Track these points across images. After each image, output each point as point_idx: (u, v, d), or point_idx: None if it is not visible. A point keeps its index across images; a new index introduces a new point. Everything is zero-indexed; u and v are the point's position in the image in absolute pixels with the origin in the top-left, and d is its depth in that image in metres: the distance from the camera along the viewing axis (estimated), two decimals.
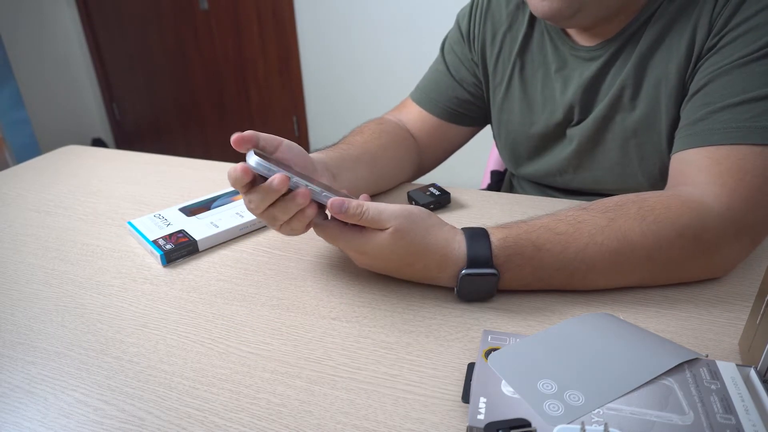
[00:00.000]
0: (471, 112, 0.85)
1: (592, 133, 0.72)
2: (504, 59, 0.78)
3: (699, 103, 0.59)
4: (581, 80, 0.70)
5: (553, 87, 0.74)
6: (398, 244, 0.51)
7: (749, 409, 0.37)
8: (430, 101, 0.84)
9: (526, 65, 0.77)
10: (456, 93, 0.83)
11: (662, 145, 0.67)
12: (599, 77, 0.70)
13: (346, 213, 0.49)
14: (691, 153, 0.58)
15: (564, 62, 0.73)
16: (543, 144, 0.79)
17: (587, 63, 0.70)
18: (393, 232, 0.50)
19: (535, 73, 0.76)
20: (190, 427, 0.41)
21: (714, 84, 0.58)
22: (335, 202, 0.49)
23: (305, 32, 2.54)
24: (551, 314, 0.52)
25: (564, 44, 0.72)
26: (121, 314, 0.54)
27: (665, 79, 0.64)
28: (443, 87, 0.84)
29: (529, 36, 0.76)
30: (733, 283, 0.55)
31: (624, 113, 0.68)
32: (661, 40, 0.64)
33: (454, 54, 0.84)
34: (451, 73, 0.84)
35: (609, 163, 0.73)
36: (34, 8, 2.82)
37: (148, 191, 0.83)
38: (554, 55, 0.73)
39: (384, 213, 0.50)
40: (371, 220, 0.50)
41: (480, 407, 0.38)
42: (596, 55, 0.69)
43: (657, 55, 0.65)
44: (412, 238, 0.51)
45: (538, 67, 0.75)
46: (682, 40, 0.62)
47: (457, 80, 0.83)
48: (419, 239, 0.51)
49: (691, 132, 0.59)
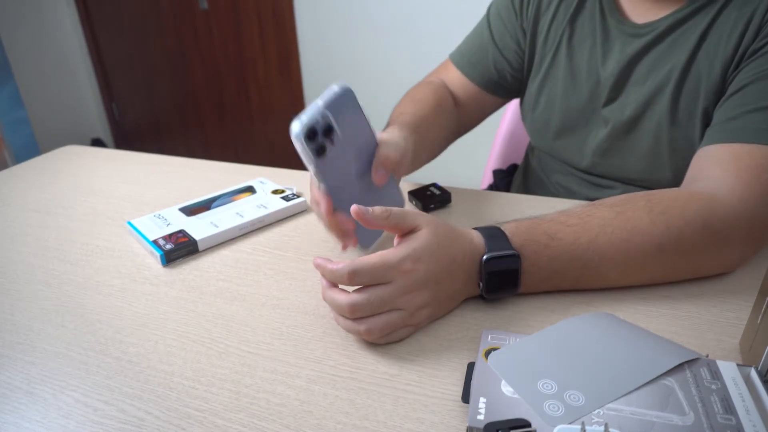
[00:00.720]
0: (507, 83, 0.85)
1: (630, 117, 0.70)
2: (556, 26, 0.78)
3: (735, 103, 0.59)
4: (621, 56, 0.70)
5: (597, 59, 0.73)
6: (438, 231, 0.49)
7: (750, 410, 0.37)
8: (470, 66, 0.85)
9: (575, 33, 0.76)
10: (496, 61, 0.84)
11: (694, 141, 0.66)
12: (639, 57, 0.69)
13: (372, 214, 0.47)
14: (715, 148, 0.58)
15: (607, 35, 0.72)
16: (578, 118, 0.77)
17: (630, 39, 0.69)
18: (428, 224, 0.49)
19: (583, 41, 0.75)
20: (190, 427, 0.41)
21: (753, 86, 0.58)
22: (356, 209, 0.47)
23: (305, 32, 2.54)
24: (551, 314, 0.52)
25: (612, 16, 0.71)
26: (121, 314, 0.54)
27: (708, 75, 0.63)
28: (484, 53, 0.84)
29: (582, 4, 0.75)
30: (733, 283, 0.55)
31: (665, 103, 0.67)
32: (712, 34, 0.63)
33: (500, 20, 0.84)
34: (494, 40, 0.84)
35: (639, 151, 0.72)
36: (33, 8, 2.82)
37: (148, 191, 0.83)
38: (601, 26, 0.73)
39: (407, 212, 0.49)
40: (399, 217, 0.48)
41: (480, 407, 0.38)
42: (641, 33, 0.68)
43: (704, 49, 0.64)
44: (444, 230, 0.49)
45: (587, 36, 0.75)
46: (732, 38, 0.61)
47: (499, 48, 0.83)
48: (449, 233, 0.50)
49: (721, 129, 0.59)
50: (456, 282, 0.50)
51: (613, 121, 0.72)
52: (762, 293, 0.43)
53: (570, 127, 0.79)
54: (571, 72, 0.77)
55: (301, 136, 0.50)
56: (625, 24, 0.70)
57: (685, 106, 0.66)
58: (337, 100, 0.52)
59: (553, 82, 0.79)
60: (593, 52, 0.74)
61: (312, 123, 0.50)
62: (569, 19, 0.76)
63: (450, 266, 0.49)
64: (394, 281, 0.46)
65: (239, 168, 0.90)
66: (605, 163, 0.76)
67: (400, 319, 0.47)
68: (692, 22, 0.64)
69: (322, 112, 0.51)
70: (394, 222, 0.48)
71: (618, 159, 0.74)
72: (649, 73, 0.68)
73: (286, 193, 0.76)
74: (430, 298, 0.48)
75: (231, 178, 0.86)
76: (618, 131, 0.72)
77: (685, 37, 0.65)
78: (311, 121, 0.50)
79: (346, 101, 0.53)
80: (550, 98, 0.80)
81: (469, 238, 0.51)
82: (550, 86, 0.80)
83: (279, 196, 0.75)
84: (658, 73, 0.67)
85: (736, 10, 0.61)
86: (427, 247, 0.48)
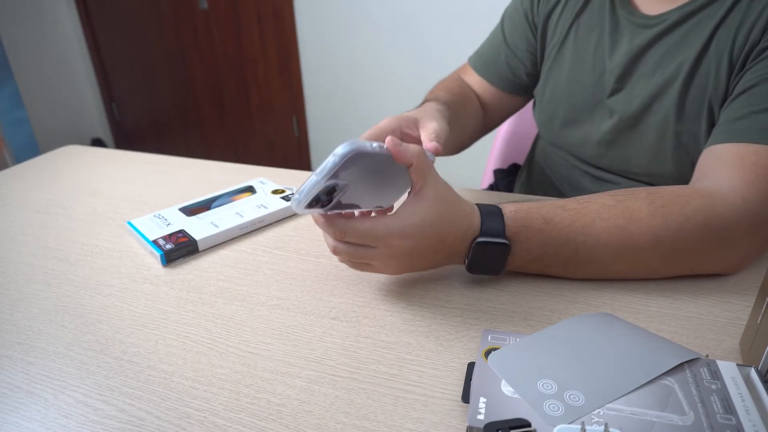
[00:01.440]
0: (524, 82, 0.87)
1: (636, 110, 0.70)
2: (565, 18, 0.79)
3: (742, 103, 0.59)
4: (630, 47, 0.70)
5: (604, 49, 0.74)
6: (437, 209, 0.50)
7: (750, 409, 0.37)
8: (486, 67, 0.87)
9: (582, 25, 0.77)
10: (509, 61, 0.86)
11: (700, 137, 0.66)
12: (647, 48, 0.69)
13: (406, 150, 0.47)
14: (721, 147, 0.58)
15: (617, 25, 0.72)
16: (583, 109, 0.78)
17: (639, 30, 0.69)
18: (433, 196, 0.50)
19: (590, 33, 0.76)
20: (190, 427, 0.41)
21: (761, 87, 0.58)
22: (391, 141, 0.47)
23: (305, 32, 2.54)
24: (551, 314, 0.52)
25: (623, 8, 0.72)
26: (121, 314, 0.54)
27: (716, 71, 0.63)
28: (497, 54, 0.87)
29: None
30: (733, 283, 0.55)
31: (673, 97, 0.67)
32: (721, 31, 0.63)
33: (512, 21, 0.86)
34: (506, 41, 0.86)
35: (644, 144, 0.72)
36: (34, 8, 2.82)
37: (148, 191, 0.83)
38: (611, 17, 0.73)
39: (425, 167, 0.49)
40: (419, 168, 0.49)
41: (480, 407, 0.38)
42: (651, 24, 0.68)
43: (713, 46, 0.63)
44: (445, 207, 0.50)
45: (595, 27, 0.75)
46: (740, 36, 0.61)
47: (511, 48, 0.85)
48: (450, 210, 0.51)
49: (727, 129, 0.59)
50: (438, 256, 0.53)
51: (619, 113, 0.72)
52: (762, 293, 0.43)
53: (575, 118, 0.79)
54: (577, 63, 0.77)
55: (300, 211, 0.47)
56: (635, 15, 0.70)
57: (693, 102, 0.66)
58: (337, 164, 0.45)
59: (558, 73, 0.80)
60: (600, 42, 0.74)
61: (309, 198, 0.46)
62: (577, 11, 0.77)
63: (437, 245, 0.51)
64: (378, 249, 0.50)
65: (239, 168, 0.90)
66: (610, 154, 0.76)
67: (371, 269, 0.53)
68: (703, 14, 0.64)
69: (318, 184, 0.45)
70: (417, 167, 0.49)
71: (623, 151, 0.74)
72: (658, 66, 0.68)
73: (286, 193, 0.76)
74: (406, 265, 0.53)
75: (231, 178, 0.86)
76: (624, 123, 0.72)
77: (696, 31, 0.64)
78: (308, 197, 0.46)
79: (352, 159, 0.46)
80: (555, 89, 0.81)
81: (467, 221, 0.52)
82: (555, 77, 0.81)
83: (279, 196, 0.75)
84: (667, 66, 0.67)
85: (745, 6, 0.61)
86: (419, 224, 0.49)
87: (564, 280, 0.56)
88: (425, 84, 2.32)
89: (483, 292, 0.55)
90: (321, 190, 0.46)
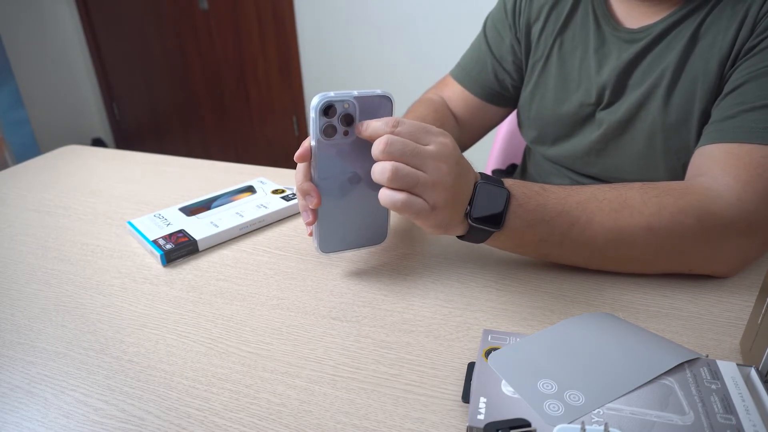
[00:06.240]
0: (509, 92, 0.86)
1: (622, 119, 0.71)
2: (547, 35, 0.79)
3: (732, 102, 0.59)
4: (618, 62, 0.70)
5: (590, 66, 0.74)
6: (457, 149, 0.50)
7: (750, 409, 0.37)
8: (471, 79, 0.86)
9: (566, 42, 0.77)
10: (496, 72, 0.85)
11: (690, 141, 0.67)
12: (636, 61, 0.69)
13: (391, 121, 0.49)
14: (713, 147, 0.58)
15: (603, 41, 0.73)
16: (572, 125, 0.78)
17: (627, 45, 0.70)
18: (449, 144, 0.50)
19: (574, 50, 0.76)
20: (190, 426, 0.41)
21: (750, 85, 0.58)
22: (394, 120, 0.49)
23: (305, 32, 2.55)
24: (551, 314, 0.52)
25: (607, 24, 0.72)
26: (121, 314, 0.54)
27: (704, 75, 0.63)
28: (484, 66, 0.86)
29: (573, 13, 0.76)
30: (734, 283, 0.55)
31: (658, 104, 0.67)
32: (705, 34, 0.63)
33: (496, 32, 0.85)
34: (492, 51, 0.85)
35: (633, 151, 0.72)
36: (34, 8, 2.82)
37: (148, 191, 0.83)
38: (595, 34, 0.73)
39: None
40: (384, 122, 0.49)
41: (480, 407, 0.38)
42: (637, 38, 0.69)
43: (698, 49, 0.64)
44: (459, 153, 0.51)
45: (578, 44, 0.75)
46: (727, 37, 0.61)
47: (497, 58, 0.85)
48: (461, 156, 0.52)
49: (718, 128, 0.59)
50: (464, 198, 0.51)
51: (608, 122, 0.73)
52: (762, 293, 0.43)
53: (565, 134, 0.80)
54: (563, 80, 0.77)
55: (318, 107, 0.49)
56: (620, 30, 0.70)
57: (679, 107, 0.66)
58: (373, 100, 0.51)
59: (544, 91, 0.80)
60: (585, 59, 0.74)
61: (334, 101, 0.50)
62: (560, 28, 0.77)
63: (464, 186, 0.51)
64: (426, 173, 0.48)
65: (239, 168, 0.90)
66: (600, 163, 0.77)
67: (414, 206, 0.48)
68: (686, 23, 0.65)
69: (350, 100, 0.50)
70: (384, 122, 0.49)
71: (613, 159, 0.75)
72: (644, 77, 0.69)
73: (286, 193, 0.76)
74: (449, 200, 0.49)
75: (231, 178, 0.86)
76: (612, 132, 0.73)
77: (678, 39, 0.65)
78: (334, 99, 0.50)
79: (380, 107, 0.51)
80: (541, 106, 0.81)
81: (471, 169, 0.53)
82: (540, 94, 0.81)
83: (279, 196, 0.75)
84: (652, 75, 0.67)
85: (729, 8, 0.61)
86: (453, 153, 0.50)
87: (564, 279, 0.56)
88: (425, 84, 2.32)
89: (483, 292, 0.55)
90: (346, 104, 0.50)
